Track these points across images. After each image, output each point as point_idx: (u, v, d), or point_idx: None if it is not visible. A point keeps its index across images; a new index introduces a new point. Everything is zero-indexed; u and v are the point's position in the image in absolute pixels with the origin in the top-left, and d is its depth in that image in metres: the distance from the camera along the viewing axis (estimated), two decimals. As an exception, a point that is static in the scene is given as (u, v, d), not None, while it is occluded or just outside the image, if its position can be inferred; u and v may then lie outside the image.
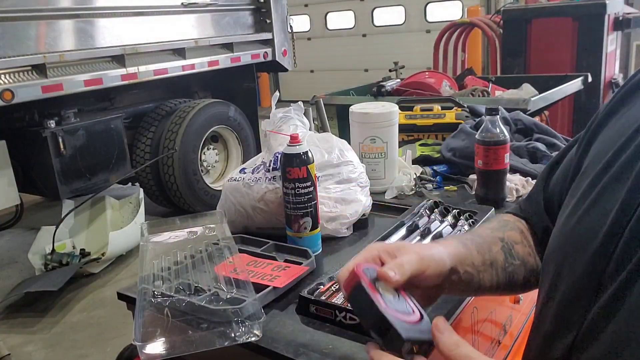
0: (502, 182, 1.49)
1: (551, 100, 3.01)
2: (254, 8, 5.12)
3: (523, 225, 0.89)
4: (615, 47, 4.57)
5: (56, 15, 3.67)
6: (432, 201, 1.38)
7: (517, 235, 0.87)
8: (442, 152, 1.81)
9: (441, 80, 3.28)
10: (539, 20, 4.33)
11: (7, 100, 3.28)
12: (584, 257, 0.60)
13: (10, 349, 2.97)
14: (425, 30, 9.14)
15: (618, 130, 0.67)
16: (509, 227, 0.88)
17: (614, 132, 0.68)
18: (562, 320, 0.62)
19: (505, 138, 1.44)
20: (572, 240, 0.64)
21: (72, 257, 3.71)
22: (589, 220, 0.62)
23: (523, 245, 0.86)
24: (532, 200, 0.90)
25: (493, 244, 0.83)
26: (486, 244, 0.82)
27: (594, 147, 0.71)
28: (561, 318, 0.63)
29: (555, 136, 1.88)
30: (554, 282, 0.66)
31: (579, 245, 0.62)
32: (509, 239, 0.86)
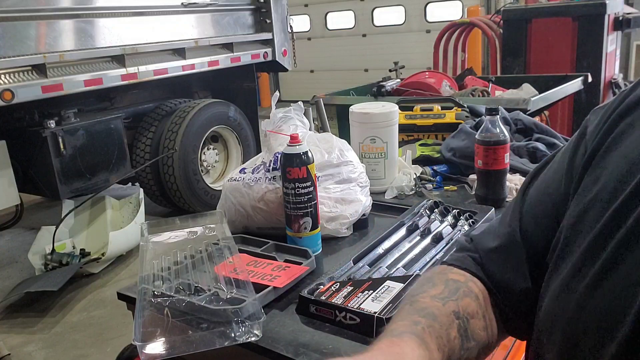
0: (502, 182, 1.49)
1: (551, 100, 3.01)
2: (254, 8, 5.12)
3: (477, 286, 0.73)
4: (615, 47, 4.57)
5: (56, 15, 3.67)
6: (432, 201, 1.38)
7: (473, 305, 0.71)
8: (442, 152, 1.81)
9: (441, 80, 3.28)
10: (539, 20, 4.32)
11: (7, 100, 3.28)
12: (610, 342, 0.51)
13: (10, 349, 2.97)
14: (425, 30, 9.14)
15: (625, 159, 0.57)
16: (462, 292, 0.72)
17: (620, 161, 0.58)
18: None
19: (505, 138, 1.44)
20: (588, 315, 0.54)
21: (72, 257, 3.71)
22: (609, 292, 0.52)
23: (479, 319, 0.71)
24: (502, 253, 0.73)
25: (450, 327, 0.67)
26: (443, 331, 0.66)
27: (596, 173, 0.61)
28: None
29: (555, 136, 1.88)
30: (570, 351, 0.56)
31: (600, 325, 0.52)
32: (464, 312, 0.69)
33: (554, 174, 0.69)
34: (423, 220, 1.30)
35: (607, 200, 0.56)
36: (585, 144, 0.64)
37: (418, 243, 1.22)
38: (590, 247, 0.56)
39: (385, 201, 1.58)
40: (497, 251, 0.73)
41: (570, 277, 0.57)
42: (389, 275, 1.07)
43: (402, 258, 1.16)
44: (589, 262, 0.55)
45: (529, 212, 0.71)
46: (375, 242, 1.20)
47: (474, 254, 0.77)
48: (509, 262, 0.71)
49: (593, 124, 0.65)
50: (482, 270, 0.74)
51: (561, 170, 0.67)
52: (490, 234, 0.77)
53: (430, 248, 1.20)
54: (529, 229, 0.70)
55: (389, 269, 1.10)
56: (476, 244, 0.78)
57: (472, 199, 1.54)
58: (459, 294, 0.71)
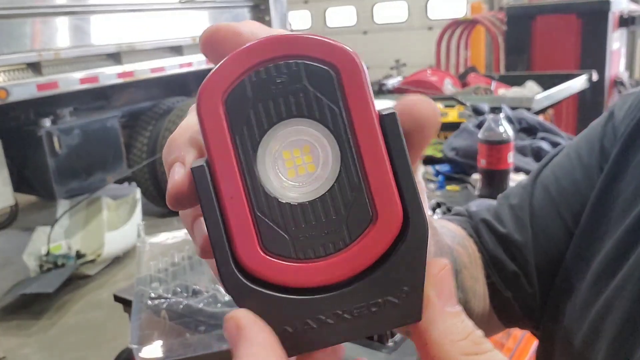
0: (505, 182, 1.48)
1: (556, 99, 2.99)
2: (253, 5, 5.11)
3: (471, 247, 0.61)
4: (620, 45, 4.54)
5: (51, 13, 3.66)
6: (435, 202, 1.37)
7: (465, 259, 0.59)
8: (445, 152, 1.80)
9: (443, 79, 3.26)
10: (543, 17, 4.30)
11: (2, 98, 3.28)
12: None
13: (5, 351, 2.96)
14: (428, 27, 9.12)
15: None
16: (457, 240, 0.60)
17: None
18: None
19: (508, 137, 1.44)
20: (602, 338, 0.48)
21: (67, 258, 3.70)
22: (617, 318, 0.47)
23: (469, 275, 0.58)
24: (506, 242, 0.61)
25: (444, 253, 0.54)
26: (439, 249, 0.51)
27: (620, 166, 0.54)
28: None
29: (559, 135, 1.88)
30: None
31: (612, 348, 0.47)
32: (458, 257, 0.57)
33: (579, 159, 0.59)
34: None
35: (628, 203, 0.50)
36: (614, 127, 0.57)
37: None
38: (607, 259, 0.50)
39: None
40: (502, 238, 0.61)
41: (586, 296, 0.51)
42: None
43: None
44: (605, 278, 0.49)
45: (544, 200, 0.60)
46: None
47: (473, 222, 0.64)
48: (513, 257, 0.60)
49: (623, 109, 0.57)
50: (480, 241, 0.62)
51: (590, 154, 0.58)
52: (490, 212, 0.64)
53: (431, 253, 1.16)
54: (542, 223, 0.60)
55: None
56: (476, 215, 0.65)
57: (475, 199, 1.52)
58: (456, 240, 0.59)
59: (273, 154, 0.24)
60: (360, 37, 10.02)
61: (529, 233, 0.59)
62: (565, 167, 0.60)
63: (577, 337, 0.51)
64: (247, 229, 0.24)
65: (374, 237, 0.24)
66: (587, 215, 0.54)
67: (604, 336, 0.47)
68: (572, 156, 0.60)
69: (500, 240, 0.61)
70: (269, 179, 0.24)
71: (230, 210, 0.24)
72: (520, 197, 0.62)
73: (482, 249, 0.61)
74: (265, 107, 0.24)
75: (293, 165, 0.24)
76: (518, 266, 0.59)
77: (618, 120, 0.57)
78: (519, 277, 0.59)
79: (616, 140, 0.55)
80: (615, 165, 0.53)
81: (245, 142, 0.24)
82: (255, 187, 0.24)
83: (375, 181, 0.24)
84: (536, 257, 0.58)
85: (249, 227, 0.24)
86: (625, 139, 0.53)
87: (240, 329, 0.23)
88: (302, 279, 0.24)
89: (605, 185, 0.53)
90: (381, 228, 0.24)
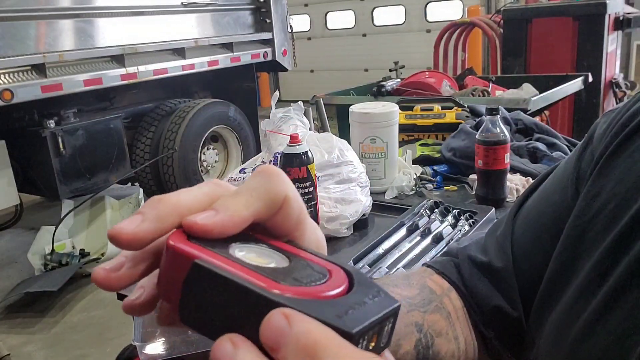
0: (502, 182, 1.48)
1: (551, 100, 3.00)
2: (254, 8, 5.11)
3: (452, 303, 0.62)
4: (616, 47, 4.56)
5: (56, 15, 3.67)
6: (432, 201, 1.38)
7: (442, 323, 0.59)
8: (443, 152, 1.80)
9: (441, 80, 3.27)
10: (539, 20, 4.31)
11: (7, 100, 3.28)
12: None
13: (10, 349, 2.97)
14: (426, 29, 9.14)
15: (631, 171, 0.49)
16: (434, 306, 0.60)
17: (626, 171, 0.50)
18: None
19: (505, 138, 1.44)
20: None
21: (71, 257, 3.71)
22: (602, 340, 0.44)
23: (447, 340, 0.59)
24: (488, 272, 0.61)
25: (403, 339, 0.55)
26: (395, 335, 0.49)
27: (598, 185, 0.52)
28: None
29: (555, 136, 1.87)
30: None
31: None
32: (430, 327, 0.58)
33: (558, 182, 0.60)
34: (423, 220, 1.30)
35: (607, 222, 0.48)
36: (592, 150, 0.56)
37: (418, 243, 1.22)
38: (585, 281, 0.48)
39: (386, 201, 1.58)
40: (483, 268, 0.62)
41: (564, 317, 0.49)
42: (388, 275, 1.06)
43: (402, 258, 1.15)
44: (582, 301, 0.47)
45: (525, 225, 0.62)
46: (376, 242, 1.20)
47: (458, 261, 0.66)
48: (496, 283, 0.61)
49: (602, 128, 0.56)
50: (462, 282, 0.63)
51: (567, 177, 0.58)
52: (478, 245, 0.66)
53: (430, 248, 1.20)
54: (522, 247, 0.60)
55: (389, 269, 1.10)
56: (462, 252, 0.66)
57: (473, 199, 1.54)
58: (429, 307, 0.60)
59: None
60: (359, 40, 10.02)
61: (509, 258, 0.60)
62: (547, 190, 0.62)
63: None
64: None
65: (329, 285, 0.31)
66: (564, 237, 0.53)
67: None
68: (553, 182, 0.61)
69: (483, 270, 0.62)
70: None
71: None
72: (505, 226, 0.63)
73: (464, 288, 0.63)
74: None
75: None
76: (501, 292, 0.60)
77: (596, 141, 0.56)
78: (502, 306, 0.59)
79: (592, 161, 0.54)
80: (593, 185, 0.52)
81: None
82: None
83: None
84: (518, 280, 0.58)
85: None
86: (604, 159, 0.52)
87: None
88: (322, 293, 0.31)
89: (584, 205, 0.52)
90: (334, 280, 0.31)
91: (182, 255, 0.29)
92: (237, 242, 0.31)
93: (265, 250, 0.32)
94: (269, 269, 0.30)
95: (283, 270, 0.30)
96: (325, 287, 0.30)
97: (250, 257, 0.31)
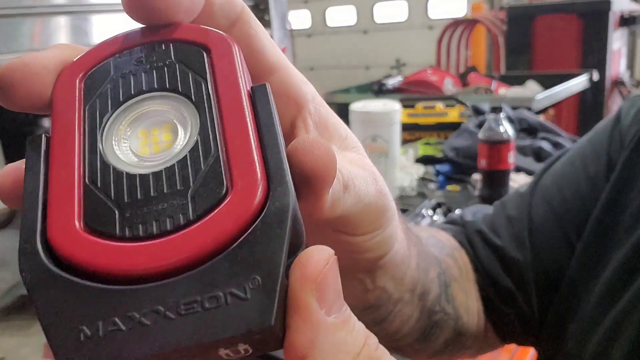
0: (506, 182, 1.47)
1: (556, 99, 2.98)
2: (252, 5, 5.08)
3: (462, 259, 0.55)
4: (621, 45, 4.53)
5: (50, 12, 3.63)
6: (435, 202, 1.38)
7: (455, 272, 0.52)
8: (445, 152, 1.80)
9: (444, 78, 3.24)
10: (544, 17, 4.28)
11: (1, 98, 3.26)
12: None
13: (4, 352, 2.93)
14: (428, 27, 9.11)
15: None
16: (447, 251, 0.53)
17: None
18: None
19: (509, 137, 1.44)
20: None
21: (68, 257, 3.69)
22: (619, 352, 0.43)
23: (462, 290, 0.52)
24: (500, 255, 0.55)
25: (431, 264, 0.47)
26: (425, 260, 0.45)
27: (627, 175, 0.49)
28: None
29: (560, 135, 1.87)
30: None
31: None
32: (447, 269, 0.51)
33: (581, 162, 0.54)
34: (425, 221, 1.28)
35: (635, 220, 0.45)
36: (620, 133, 0.52)
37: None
38: (616, 273, 0.45)
39: (385, 203, 1.54)
40: (496, 251, 0.56)
41: (593, 310, 0.47)
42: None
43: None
44: (614, 292, 0.45)
45: (544, 212, 0.55)
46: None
47: (468, 233, 0.58)
48: (509, 273, 0.55)
49: (630, 114, 0.52)
50: (475, 255, 0.56)
51: (595, 158, 0.53)
52: (486, 219, 0.59)
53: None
54: (543, 239, 0.54)
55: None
56: (470, 225, 0.59)
57: (476, 199, 1.53)
58: (444, 251, 0.52)
59: (125, 128, 0.22)
60: (360, 37, 10.00)
61: (528, 250, 0.54)
62: (568, 176, 0.55)
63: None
64: (68, 200, 0.19)
65: (225, 212, 0.18)
66: (592, 228, 0.50)
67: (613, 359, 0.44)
68: (576, 165, 0.55)
69: (496, 254, 0.55)
70: (113, 152, 0.21)
71: (55, 179, 0.20)
72: (518, 209, 0.56)
73: (476, 261, 0.55)
74: (125, 81, 0.22)
75: (148, 144, 0.21)
76: (515, 284, 0.54)
77: (625, 125, 0.52)
78: (515, 294, 0.54)
79: (623, 149, 0.51)
80: (623, 175, 0.49)
81: (94, 115, 0.22)
82: (93, 158, 0.21)
83: (235, 151, 0.20)
84: (536, 276, 0.53)
85: (71, 198, 0.19)
86: (633, 147, 0.49)
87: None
88: (121, 263, 0.18)
89: (612, 197, 0.49)
90: (235, 201, 0.19)
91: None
92: (149, 90, 0.22)
93: (178, 113, 0.22)
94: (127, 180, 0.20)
95: (144, 179, 0.20)
96: (198, 230, 0.18)
97: (134, 138, 0.21)
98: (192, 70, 0.22)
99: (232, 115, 0.21)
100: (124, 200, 0.19)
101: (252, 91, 0.22)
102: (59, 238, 0.18)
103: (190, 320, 0.17)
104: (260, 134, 0.20)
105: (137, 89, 0.22)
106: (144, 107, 0.22)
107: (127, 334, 0.17)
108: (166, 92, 0.22)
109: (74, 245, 0.18)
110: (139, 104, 0.22)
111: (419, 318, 0.45)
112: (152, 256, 0.18)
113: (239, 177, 0.19)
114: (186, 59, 0.22)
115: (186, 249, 0.18)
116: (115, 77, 0.22)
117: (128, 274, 0.18)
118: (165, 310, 0.17)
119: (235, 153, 0.20)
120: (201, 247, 0.18)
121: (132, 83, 0.22)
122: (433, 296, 0.46)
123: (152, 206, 0.19)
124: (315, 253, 0.18)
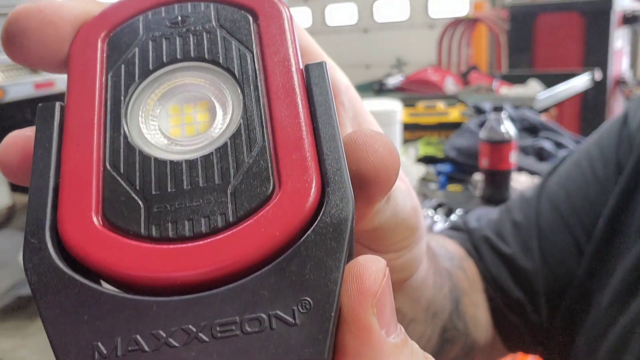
0: (507, 182, 1.45)
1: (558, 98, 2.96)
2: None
3: (470, 269, 0.53)
4: (623, 44, 4.52)
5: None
6: (436, 202, 1.37)
7: (466, 283, 0.51)
8: (446, 151, 1.78)
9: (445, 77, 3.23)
10: (545, 16, 4.27)
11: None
12: None
13: (2, 353, 2.94)
14: (429, 25, 9.10)
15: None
16: (456, 262, 0.52)
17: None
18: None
19: (510, 137, 1.42)
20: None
21: (66, 258, 3.68)
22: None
23: (472, 304, 0.50)
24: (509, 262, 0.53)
25: (444, 280, 0.46)
26: (440, 276, 0.45)
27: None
28: None
29: (562, 135, 1.86)
30: None
31: None
32: (457, 282, 0.49)
33: (588, 165, 0.53)
34: (426, 221, 1.25)
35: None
36: (628, 135, 0.50)
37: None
38: (615, 296, 0.44)
39: (385, 203, 1.53)
40: (504, 259, 0.55)
41: (604, 314, 0.46)
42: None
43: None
44: (625, 296, 0.44)
45: (553, 221, 0.54)
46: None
47: (474, 240, 0.57)
48: (518, 282, 0.54)
49: (637, 115, 0.51)
50: (482, 263, 0.55)
51: (605, 157, 0.51)
52: (491, 225, 0.57)
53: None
54: (554, 248, 0.53)
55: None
56: (476, 232, 0.57)
57: (477, 199, 1.52)
58: (453, 262, 0.51)
59: (154, 102, 0.18)
60: (360, 36, 10.00)
61: (538, 259, 0.52)
62: (576, 180, 0.53)
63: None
64: (84, 186, 0.16)
65: (271, 215, 0.15)
66: (602, 232, 0.48)
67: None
68: (584, 168, 0.53)
69: (505, 262, 0.53)
70: (139, 132, 0.18)
71: (69, 159, 0.17)
72: (524, 214, 0.54)
73: (485, 271, 0.54)
74: (156, 45, 0.19)
75: (180, 123, 0.18)
76: (524, 294, 0.53)
77: (633, 128, 0.51)
78: (525, 304, 0.52)
79: (631, 150, 0.49)
80: (632, 177, 0.48)
81: (119, 84, 0.18)
82: (115, 137, 0.17)
83: (284, 141, 0.17)
84: (546, 285, 0.51)
85: (87, 183, 0.17)
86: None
87: None
88: (146, 268, 0.15)
89: (622, 200, 0.47)
90: (283, 204, 0.16)
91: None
92: (185, 59, 0.19)
93: (218, 89, 0.19)
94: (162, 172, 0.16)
95: (176, 168, 0.17)
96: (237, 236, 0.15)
97: (164, 116, 0.18)
98: (235, 39, 0.19)
99: (282, 97, 0.18)
100: (151, 192, 0.16)
101: (305, 70, 0.19)
102: (73, 233, 0.16)
103: (227, 346, 0.14)
104: (315, 123, 0.17)
105: (170, 57, 0.19)
106: (177, 79, 0.19)
107: (150, 356, 0.14)
108: (204, 63, 0.19)
109: (90, 242, 0.15)
110: (171, 74, 0.19)
111: (430, 337, 0.43)
112: (184, 263, 0.15)
113: (288, 175, 0.16)
114: (230, 24, 0.19)
115: (224, 257, 0.15)
116: (145, 40, 0.19)
117: (154, 283, 0.15)
118: (197, 331, 0.14)
119: (285, 144, 0.17)
120: (242, 256, 0.15)
121: (165, 49, 0.19)
122: (446, 314, 0.45)
123: (184, 202, 0.16)
124: (370, 263, 0.15)
